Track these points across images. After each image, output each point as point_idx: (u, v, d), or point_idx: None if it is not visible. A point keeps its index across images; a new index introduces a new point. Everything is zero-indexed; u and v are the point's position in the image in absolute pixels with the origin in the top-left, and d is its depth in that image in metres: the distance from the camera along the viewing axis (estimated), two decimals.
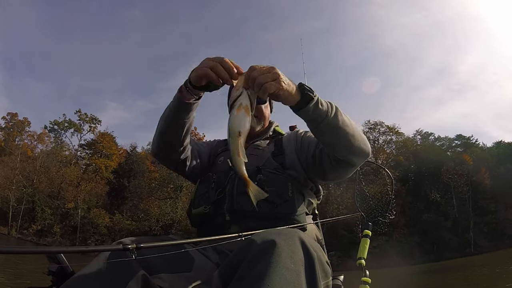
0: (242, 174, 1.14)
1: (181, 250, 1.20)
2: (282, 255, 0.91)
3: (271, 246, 0.93)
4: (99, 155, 46.66)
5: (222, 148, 1.77)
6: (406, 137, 48.83)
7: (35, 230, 36.27)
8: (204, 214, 1.45)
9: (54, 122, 48.23)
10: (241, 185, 1.37)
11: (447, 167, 40.11)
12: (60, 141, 48.72)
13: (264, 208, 1.35)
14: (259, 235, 1.00)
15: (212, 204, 1.45)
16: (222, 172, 1.54)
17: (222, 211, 1.43)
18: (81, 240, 35.05)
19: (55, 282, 1.18)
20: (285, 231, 1.04)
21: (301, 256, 0.96)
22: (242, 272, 0.92)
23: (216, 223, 1.43)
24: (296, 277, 0.90)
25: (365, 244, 1.97)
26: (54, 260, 1.19)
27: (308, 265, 0.96)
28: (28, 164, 40.46)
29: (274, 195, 1.38)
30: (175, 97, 1.40)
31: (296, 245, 0.98)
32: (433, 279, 20.09)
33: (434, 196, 39.61)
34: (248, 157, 1.43)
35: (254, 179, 1.37)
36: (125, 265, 1.02)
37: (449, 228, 37.46)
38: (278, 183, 1.44)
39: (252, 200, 1.15)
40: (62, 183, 39.57)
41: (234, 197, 1.42)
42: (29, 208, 37.10)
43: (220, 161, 1.67)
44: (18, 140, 45.91)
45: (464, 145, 49.11)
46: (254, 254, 0.93)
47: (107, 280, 0.99)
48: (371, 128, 47.20)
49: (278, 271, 0.87)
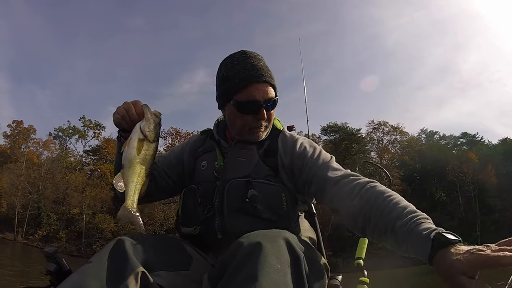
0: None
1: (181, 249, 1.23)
2: (269, 256, 0.92)
3: (258, 248, 0.94)
4: (104, 160, 47.00)
5: (203, 148, 1.58)
6: (411, 137, 48.80)
7: (41, 236, 36.54)
8: (194, 235, 1.37)
9: (59, 129, 48.74)
10: (232, 200, 1.33)
11: (453, 166, 39.93)
12: (65, 148, 49.17)
13: (261, 228, 1.20)
14: (246, 238, 0.99)
15: (201, 222, 1.36)
16: (207, 183, 1.42)
17: (213, 229, 1.34)
18: (86, 245, 35.27)
19: (53, 282, 1.20)
20: (270, 233, 1.03)
21: (287, 257, 0.96)
22: (230, 275, 0.93)
23: (207, 241, 1.36)
24: (283, 277, 0.90)
25: (363, 244, 1.95)
26: (52, 260, 1.22)
27: (295, 265, 0.96)
28: (33, 171, 40.83)
29: (269, 211, 1.31)
30: (116, 144, 1.40)
31: (282, 246, 0.98)
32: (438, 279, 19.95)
33: (440, 195, 39.49)
34: (235, 161, 1.43)
35: (245, 195, 1.31)
36: (123, 262, 1.03)
37: (455, 227, 37.16)
38: (272, 196, 1.34)
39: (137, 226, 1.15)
40: (67, 189, 39.88)
41: (224, 214, 1.33)
42: (35, 214, 37.42)
43: (203, 166, 1.50)
44: (23, 148, 46.27)
45: (470, 143, 48.94)
46: (241, 257, 0.94)
47: (105, 277, 0.99)
48: (375, 128, 47.21)
49: (265, 272, 0.88)
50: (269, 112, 1.43)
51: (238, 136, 1.48)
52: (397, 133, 47.56)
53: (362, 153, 44.38)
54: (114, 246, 1.08)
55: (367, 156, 44.91)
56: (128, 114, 1.28)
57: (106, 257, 1.04)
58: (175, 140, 40.39)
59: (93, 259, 1.06)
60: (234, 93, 1.39)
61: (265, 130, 1.49)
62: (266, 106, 1.40)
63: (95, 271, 1.00)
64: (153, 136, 1.23)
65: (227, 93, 1.42)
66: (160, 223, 35.30)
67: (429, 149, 45.23)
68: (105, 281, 0.98)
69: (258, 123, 1.43)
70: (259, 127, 1.45)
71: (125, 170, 1.19)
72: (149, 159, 1.22)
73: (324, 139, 46.54)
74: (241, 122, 1.42)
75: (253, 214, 1.29)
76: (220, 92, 1.47)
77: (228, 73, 1.42)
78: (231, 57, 1.46)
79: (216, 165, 1.46)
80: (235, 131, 1.48)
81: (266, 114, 1.41)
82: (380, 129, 47.39)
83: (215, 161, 1.47)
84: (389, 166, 42.97)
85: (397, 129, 47.26)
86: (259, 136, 1.48)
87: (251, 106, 1.39)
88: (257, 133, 1.46)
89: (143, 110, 1.26)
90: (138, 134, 1.21)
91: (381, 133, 47.60)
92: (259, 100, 1.38)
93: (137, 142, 1.20)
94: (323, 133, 45.87)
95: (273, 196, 1.34)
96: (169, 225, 35.03)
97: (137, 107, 1.28)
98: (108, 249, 1.07)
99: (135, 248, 1.08)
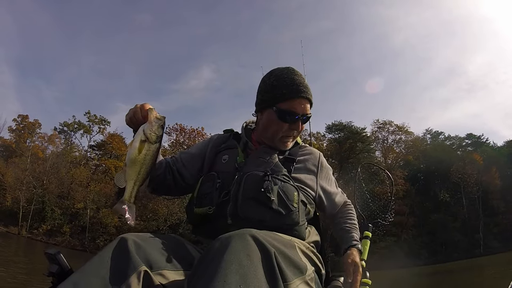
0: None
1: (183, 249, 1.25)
2: (238, 253, 0.97)
3: (226, 246, 0.99)
4: (109, 155, 47.03)
5: (225, 144, 1.71)
6: (416, 137, 48.38)
7: (45, 230, 36.58)
8: (207, 215, 1.42)
9: (64, 123, 48.74)
10: (248, 189, 1.40)
11: (457, 167, 39.61)
12: (70, 142, 49.25)
13: (269, 218, 1.36)
14: (218, 239, 1.05)
15: (216, 205, 1.42)
16: (227, 173, 1.51)
17: (224, 213, 1.40)
18: (90, 240, 35.35)
19: (55, 283, 1.19)
20: (240, 232, 1.07)
21: (257, 253, 1.01)
22: (200, 272, 0.98)
23: (216, 225, 1.40)
24: (254, 273, 0.95)
25: (365, 245, 1.97)
26: (54, 261, 1.21)
27: (266, 261, 1.00)
28: (38, 165, 40.84)
29: (281, 205, 1.38)
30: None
31: (251, 243, 1.02)
32: (443, 280, 19.87)
33: (444, 196, 39.18)
34: (256, 159, 1.55)
35: (261, 185, 1.39)
36: (126, 261, 1.04)
37: (458, 228, 37.03)
38: (286, 193, 1.42)
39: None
40: (72, 183, 39.84)
41: (238, 201, 1.40)
42: (39, 208, 37.43)
43: (224, 159, 1.62)
44: (29, 142, 46.40)
45: (475, 144, 48.43)
46: (211, 256, 0.99)
47: (108, 276, 1.00)
48: (380, 128, 46.85)
49: (233, 268, 0.92)
50: (302, 125, 1.62)
51: (268, 140, 1.64)
52: (402, 133, 47.16)
53: (367, 152, 44.04)
54: (116, 244, 1.10)
55: (372, 155, 44.59)
56: (134, 116, 1.38)
57: (109, 255, 1.06)
58: (180, 136, 40.34)
59: (95, 257, 1.07)
60: (278, 101, 1.55)
61: (293, 141, 1.67)
62: (302, 119, 1.59)
63: (97, 270, 1.01)
64: (154, 138, 1.30)
65: (271, 99, 1.58)
66: (163, 218, 35.26)
67: (434, 149, 44.76)
68: (108, 279, 0.99)
69: (291, 133, 1.61)
70: (289, 137, 1.63)
71: (126, 168, 1.27)
72: (149, 159, 1.29)
73: (329, 137, 46.32)
74: (277, 128, 1.58)
75: (265, 204, 1.37)
76: (264, 98, 1.62)
77: (277, 83, 1.57)
78: (281, 70, 1.63)
79: (237, 160, 1.57)
80: (268, 136, 1.63)
81: (300, 127, 1.61)
82: (385, 129, 47.02)
83: (237, 156, 1.58)
84: (393, 166, 42.74)
85: (402, 129, 46.83)
86: (287, 146, 1.65)
87: (290, 116, 1.56)
88: (286, 142, 1.63)
89: (148, 113, 1.34)
90: (141, 135, 1.29)
91: (386, 133, 47.27)
92: (298, 113, 1.56)
93: (138, 143, 1.28)
94: (328, 131, 45.57)
95: (286, 192, 1.42)
96: (173, 221, 35.04)
97: (143, 110, 1.36)
98: (111, 247, 1.09)
99: (138, 247, 1.09)
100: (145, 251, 1.10)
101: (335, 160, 40.69)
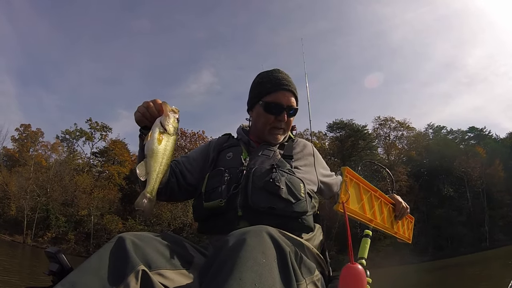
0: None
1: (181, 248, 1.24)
2: (253, 251, 0.96)
3: (242, 243, 0.98)
4: (112, 162, 47.18)
5: (227, 143, 1.75)
6: (418, 132, 48.30)
7: (50, 238, 36.73)
8: (218, 207, 1.42)
9: (66, 131, 48.88)
10: (257, 180, 1.43)
11: (460, 161, 39.52)
12: (73, 150, 49.36)
13: (279, 206, 1.39)
14: (232, 235, 1.04)
15: (226, 198, 1.43)
16: (234, 168, 1.53)
17: (234, 206, 1.41)
18: (94, 246, 35.41)
19: (55, 282, 1.18)
20: (255, 229, 1.06)
21: (273, 251, 1.00)
22: (215, 270, 0.96)
23: (226, 218, 1.42)
24: (269, 271, 0.93)
25: (366, 244, 1.95)
26: (54, 260, 1.21)
27: (281, 260, 1.00)
28: (41, 174, 41.05)
29: (289, 193, 1.42)
30: (139, 142, 1.48)
31: (267, 241, 1.02)
32: (450, 275, 19.81)
33: (448, 191, 39.11)
34: (260, 156, 1.61)
35: (268, 176, 1.44)
36: (124, 260, 1.03)
37: (463, 222, 36.89)
38: (292, 184, 1.46)
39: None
40: (75, 191, 40.01)
41: (248, 192, 1.41)
42: (44, 216, 37.61)
43: (229, 156, 1.65)
44: (32, 151, 46.52)
45: (477, 137, 48.37)
46: (226, 253, 0.98)
47: (106, 275, 0.99)
48: (381, 124, 46.83)
49: (248, 265, 0.91)
50: (289, 118, 1.69)
51: (260, 134, 1.71)
52: (404, 129, 47.16)
53: (369, 149, 44.07)
54: (115, 244, 1.08)
55: (374, 152, 44.60)
56: (148, 110, 1.38)
57: (107, 255, 1.04)
58: (181, 140, 40.41)
59: (93, 257, 1.05)
60: (264, 95, 1.67)
61: (283, 134, 1.73)
62: (288, 111, 1.67)
63: (95, 269, 1.00)
64: (172, 130, 1.33)
65: (258, 95, 1.69)
66: (167, 223, 35.40)
67: (436, 144, 44.65)
68: (106, 279, 0.98)
69: (278, 124, 1.67)
70: (278, 129, 1.69)
71: (147, 159, 1.28)
72: (170, 150, 1.32)
73: (330, 136, 46.34)
74: (264, 120, 1.66)
75: (275, 193, 1.40)
76: (252, 95, 1.74)
77: (262, 80, 1.71)
78: (267, 71, 1.75)
79: (242, 156, 1.60)
80: (258, 129, 1.71)
81: (287, 118, 1.67)
82: (387, 125, 47.03)
83: (241, 153, 1.62)
84: (396, 162, 42.72)
85: (404, 125, 46.85)
86: (278, 138, 1.71)
87: (275, 108, 1.65)
88: (276, 134, 1.69)
89: (162, 107, 1.35)
90: (159, 127, 1.31)
91: (387, 129, 47.26)
92: (283, 104, 1.65)
93: (158, 134, 1.30)
94: (329, 130, 45.63)
95: (293, 183, 1.46)
96: (176, 225, 35.16)
97: (156, 104, 1.38)
98: (109, 247, 1.07)
99: (136, 246, 1.08)
100: (143, 250, 1.09)
101: (338, 159, 40.72)
